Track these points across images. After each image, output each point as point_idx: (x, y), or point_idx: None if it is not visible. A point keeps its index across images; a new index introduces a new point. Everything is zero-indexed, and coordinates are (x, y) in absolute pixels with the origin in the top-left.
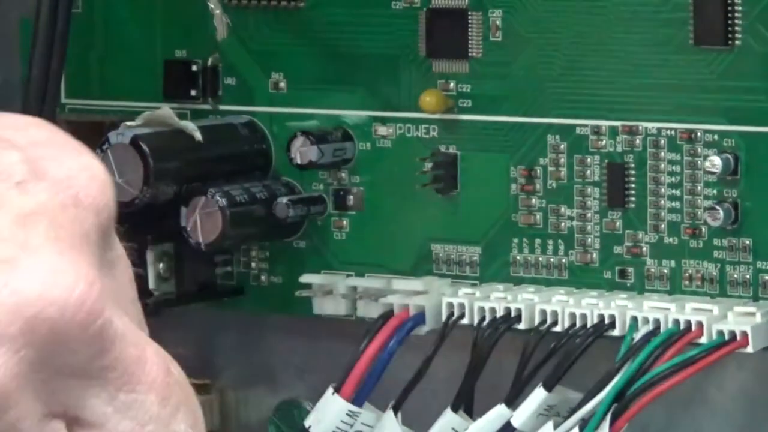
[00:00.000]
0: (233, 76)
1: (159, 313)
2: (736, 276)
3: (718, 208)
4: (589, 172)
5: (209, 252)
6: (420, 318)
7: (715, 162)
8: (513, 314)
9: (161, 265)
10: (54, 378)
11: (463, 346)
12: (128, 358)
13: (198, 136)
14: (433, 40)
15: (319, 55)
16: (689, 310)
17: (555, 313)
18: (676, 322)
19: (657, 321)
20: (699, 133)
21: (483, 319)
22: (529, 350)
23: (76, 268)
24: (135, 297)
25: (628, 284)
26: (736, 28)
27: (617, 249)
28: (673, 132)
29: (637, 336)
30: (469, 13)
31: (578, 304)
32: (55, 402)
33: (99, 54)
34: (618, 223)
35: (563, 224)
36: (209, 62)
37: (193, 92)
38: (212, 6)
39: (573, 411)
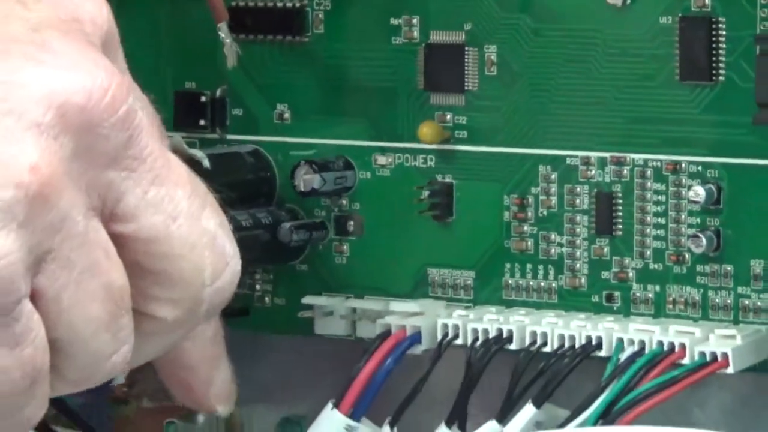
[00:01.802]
0: (240, 107)
1: None
2: (717, 300)
3: (701, 235)
4: (578, 200)
5: None
6: (416, 338)
7: (698, 192)
8: (505, 335)
9: None
10: (92, 169)
11: (457, 365)
12: (155, 152)
13: (206, 163)
14: (431, 74)
15: (322, 88)
16: (673, 333)
17: (545, 335)
18: (660, 343)
19: (642, 342)
20: (684, 165)
21: (476, 339)
22: (519, 369)
23: (95, 60)
24: (153, 115)
25: (615, 308)
26: (720, 64)
27: (605, 274)
28: (659, 163)
29: (623, 357)
30: (466, 48)
31: (567, 326)
32: (94, 194)
33: None
34: (606, 250)
35: (553, 250)
36: (217, 93)
37: (201, 122)
38: (223, 35)
39: (561, 427)
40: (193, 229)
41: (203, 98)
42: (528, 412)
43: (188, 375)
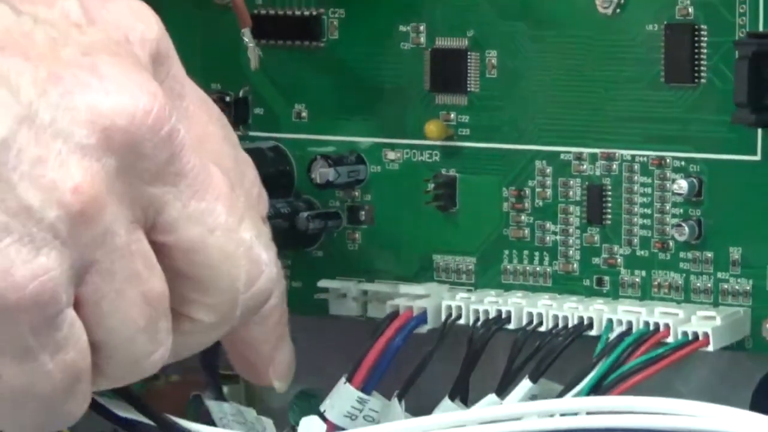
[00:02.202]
0: (261, 106)
1: None
2: (699, 285)
3: (684, 225)
4: (571, 192)
5: None
6: (422, 318)
7: (682, 185)
8: (503, 316)
9: None
10: (135, 185)
11: (459, 343)
12: (197, 167)
13: None
14: (436, 76)
15: (337, 89)
16: (658, 314)
17: (540, 315)
18: (646, 324)
19: (629, 323)
20: (668, 160)
21: (477, 320)
22: (517, 347)
23: (140, 84)
24: (216, 120)
25: (605, 291)
26: (702, 68)
27: (595, 260)
28: (645, 158)
29: (612, 336)
30: (468, 53)
31: (561, 308)
32: (137, 208)
33: None
34: (596, 238)
35: (548, 238)
36: (240, 94)
37: None
38: (246, 40)
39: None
40: (230, 240)
41: (228, 98)
42: (525, 386)
43: (251, 353)
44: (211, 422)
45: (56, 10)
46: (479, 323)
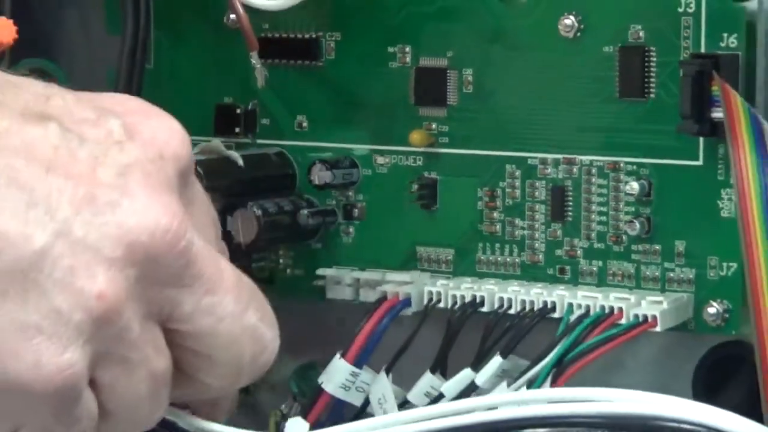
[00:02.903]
0: (267, 117)
1: None
2: (648, 273)
3: (635, 221)
4: (537, 193)
5: (248, 250)
6: (407, 302)
7: (633, 186)
8: (478, 300)
9: None
10: (152, 288)
11: (439, 324)
12: (210, 268)
13: (240, 162)
14: (420, 91)
15: (333, 102)
16: (612, 299)
17: (510, 300)
18: (602, 307)
19: (587, 306)
20: (621, 164)
21: (455, 303)
22: (489, 328)
23: (163, 205)
24: (211, 221)
25: (566, 278)
26: (651, 84)
27: (558, 252)
28: (602, 163)
29: (572, 318)
30: (448, 71)
31: (528, 293)
32: (154, 306)
33: (165, 99)
34: (559, 232)
35: (517, 233)
36: (249, 107)
37: (236, 129)
38: (254, 61)
39: (522, 374)
40: (237, 325)
41: (238, 110)
42: (496, 361)
43: (206, 400)
44: None
45: (102, 130)
46: (456, 307)
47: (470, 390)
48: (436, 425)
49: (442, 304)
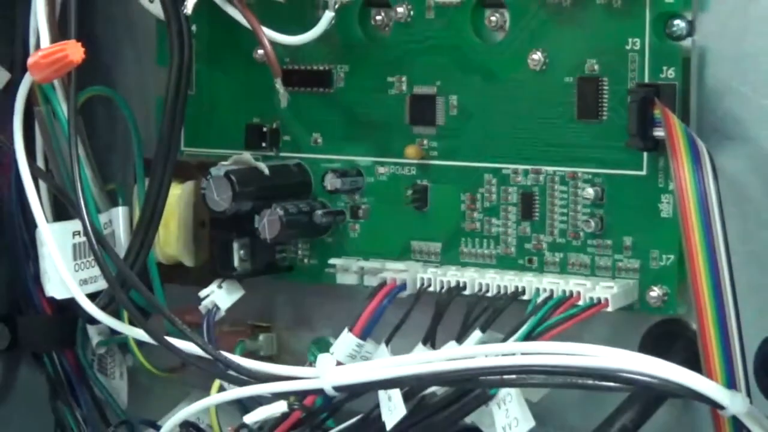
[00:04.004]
0: (288, 134)
1: (241, 282)
2: (601, 263)
3: (590, 220)
4: (510, 197)
5: (272, 244)
6: (403, 286)
7: (589, 192)
8: (461, 285)
9: (242, 251)
10: None
11: (429, 305)
12: None
13: (266, 171)
14: (414, 113)
15: (343, 123)
16: (572, 284)
17: (488, 285)
18: (564, 291)
19: (551, 290)
20: (580, 174)
21: (443, 287)
22: (471, 307)
23: None
24: None
25: (534, 267)
26: (604, 108)
27: (527, 245)
28: (563, 173)
29: (539, 300)
30: (437, 97)
31: (502, 279)
32: None
33: (205, 119)
34: (528, 229)
35: (493, 229)
36: (273, 126)
37: (263, 144)
38: (278, 86)
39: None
40: None
41: (264, 128)
42: (476, 335)
43: None
44: None
45: None
46: (444, 290)
47: None
48: (434, 368)
49: (431, 288)
